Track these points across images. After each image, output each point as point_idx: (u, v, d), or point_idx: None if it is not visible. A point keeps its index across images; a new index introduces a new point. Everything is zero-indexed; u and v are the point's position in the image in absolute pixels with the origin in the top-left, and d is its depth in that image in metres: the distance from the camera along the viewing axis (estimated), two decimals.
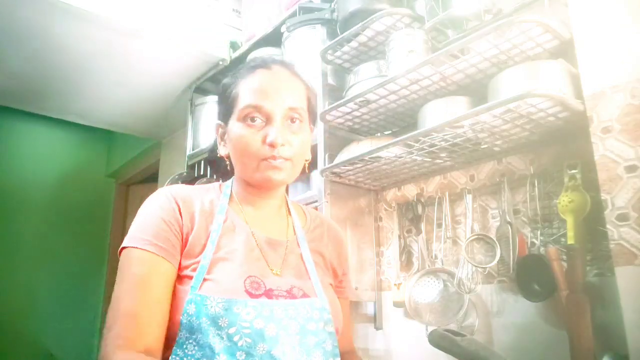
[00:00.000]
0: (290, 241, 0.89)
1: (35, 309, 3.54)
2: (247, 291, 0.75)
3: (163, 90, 2.46)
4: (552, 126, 1.11)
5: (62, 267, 3.72)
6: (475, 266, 1.28)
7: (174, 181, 2.21)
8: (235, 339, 0.71)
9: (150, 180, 3.61)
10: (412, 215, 1.51)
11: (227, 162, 0.91)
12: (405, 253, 1.52)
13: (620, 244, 0.89)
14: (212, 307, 0.71)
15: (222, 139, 0.91)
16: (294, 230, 0.92)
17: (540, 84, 1.02)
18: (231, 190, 0.91)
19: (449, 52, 1.14)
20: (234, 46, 2.16)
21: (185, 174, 2.23)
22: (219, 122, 0.91)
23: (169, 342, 0.74)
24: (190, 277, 0.75)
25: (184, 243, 0.79)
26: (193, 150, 2.22)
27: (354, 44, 1.48)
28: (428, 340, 0.92)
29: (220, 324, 0.71)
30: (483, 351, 0.82)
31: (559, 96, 0.98)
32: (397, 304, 1.47)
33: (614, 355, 0.95)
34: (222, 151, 0.91)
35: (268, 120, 0.83)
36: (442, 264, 1.38)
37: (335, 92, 1.58)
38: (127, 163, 3.82)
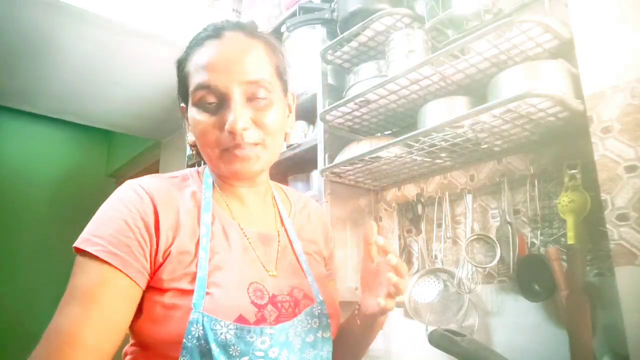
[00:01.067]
0: (281, 234, 0.80)
1: (35, 309, 3.53)
2: (253, 302, 0.67)
3: (163, 90, 2.46)
4: (552, 126, 1.11)
5: (62, 267, 3.71)
6: (475, 266, 1.28)
7: None
8: None
9: None
10: (412, 215, 1.51)
11: (193, 152, 0.80)
12: (405, 253, 1.52)
13: (620, 244, 0.89)
14: (222, 333, 0.62)
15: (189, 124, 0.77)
16: (282, 221, 0.83)
17: (540, 84, 1.02)
18: (212, 180, 0.78)
19: (449, 52, 1.14)
20: None
21: None
22: (182, 104, 0.78)
23: None
24: (183, 291, 0.64)
25: (163, 253, 0.66)
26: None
27: (354, 44, 1.48)
28: (428, 340, 0.92)
29: (231, 352, 0.62)
30: (483, 351, 0.82)
31: (559, 96, 0.98)
32: (397, 304, 1.47)
33: (614, 356, 0.95)
34: (189, 138, 0.77)
35: (223, 100, 0.69)
36: (442, 264, 1.38)
37: (335, 92, 1.58)
38: (127, 163, 3.82)
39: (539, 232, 1.17)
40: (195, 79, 0.70)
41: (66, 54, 2.08)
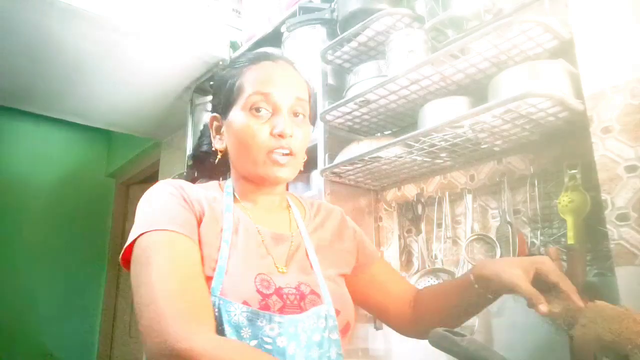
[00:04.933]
0: (294, 235, 0.86)
1: (35, 309, 3.53)
2: (258, 291, 0.72)
3: (163, 90, 2.46)
4: (552, 126, 1.11)
5: (62, 267, 3.72)
6: None
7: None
8: None
9: (150, 180, 3.61)
10: (412, 215, 1.50)
11: (218, 157, 0.88)
12: (405, 253, 1.52)
13: (620, 244, 0.89)
14: (235, 315, 0.68)
15: (217, 132, 0.88)
16: (296, 223, 0.89)
17: (540, 84, 1.02)
18: (232, 189, 0.88)
19: (449, 52, 1.14)
20: (234, 46, 2.16)
21: (185, 174, 2.23)
22: (215, 114, 0.88)
23: None
24: (206, 277, 0.71)
25: (198, 228, 0.75)
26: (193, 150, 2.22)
27: (354, 44, 1.48)
28: (428, 340, 0.92)
29: (242, 334, 0.68)
30: (483, 351, 0.82)
31: (559, 96, 0.98)
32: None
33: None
34: (217, 144, 0.87)
35: (275, 110, 0.81)
36: (442, 264, 1.38)
37: (335, 92, 1.58)
38: (127, 163, 3.82)
39: (539, 232, 1.17)
40: (252, 87, 0.81)
41: (66, 54, 2.08)
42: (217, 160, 0.89)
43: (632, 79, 0.92)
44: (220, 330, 0.67)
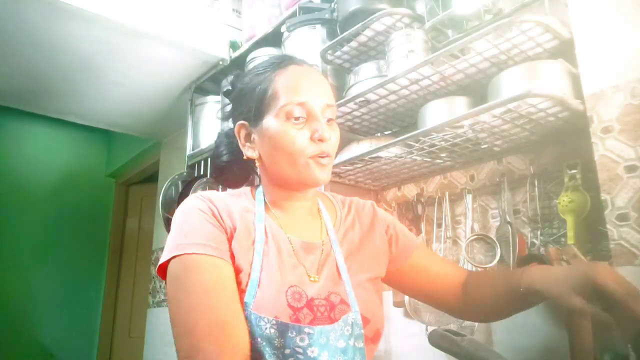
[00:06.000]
0: (325, 243, 0.86)
1: (35, 309, 3.54)
2: (289, 305, 0.73)
3: (163, 90, 2.46)
4: (552, 126, 1.11)
5: (62, 267, 3.72)
6: (475, 266, 1.28)
7: (174, 181, 2.21)
8: None
9: (150, 180, 3.61)
10: (412, 215, 1.50)
11: (256, 165, 0.88)
12: None
13: (620, 244, 0.89)
14: (266, 328, 0.70)
15: (247, 140, 0.87)
16: (327, 230, 0.89)
17: (540, 84, 1.02)
18: (263, 197, 0.88)
19: (449, 52, 1.14)
20: (234, 46, 2.16)
21: (185, 174, 2.23)
22: (242, 122, 0.86)
23: None
24: (241, 291, 0.73)
25: (230, 243, 0.76)
26: (193, 150, 2.22)
27: (354, 44, 1.48)
28: (428, 340, 0.92)
29: (276, 344, 0.70)
30: (483, 351, 0.82)
31: (559, 96, 0.98)
32: (397, 304, 1.47)
33: (614, 355, 0.95)
34: (249, 153, 0.87)
35: (311, 116, 0.81)
36: None
37: (335, 92, 1.58)
38: (127, 163, 3.82)
39: (539, 232, 1.17)
40: (288, 96, 0.80)
41: (66, 53, 2.08)
42: (257, 169, 0.89)
43: (632, 79, 0.92)
44: (253, 342, 0.69)
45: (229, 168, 0.94)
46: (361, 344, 0.77)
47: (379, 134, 1.59)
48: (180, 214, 0.79)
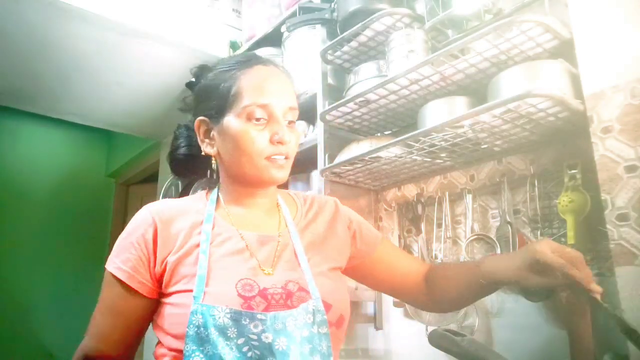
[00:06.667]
0: (282, 235, 0.87)
1: (35, 309, 3.54)
2: (240, 295, 0.74)
3: (163, 90, 2.46)
4: (552, 126, 1.11)
5: (62, 267, 3.72)
6: None
7: (173, 181, 2.21)
8: (245, 349, 0.70)
9: (150, 180, 3.61)
10: (412, 215, 1.51)
11: (214, 162, 0.90)
12: None
13: (620, 244, 0.89)
14: (219, 317, 0.71)
15: (206, 136, 0.88)
16: (286, 223, 0.90)
17: (540, 84, 1.02)
18: (218, 195, 0.90)
19: (449, 52, 1.14)
20: (234, 46, 2.16)
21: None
22: (203, 118, 0.87)
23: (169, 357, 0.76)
24: (184, 291, 0.75)
25: (161, 263, 0.79)
26: None
27: (354, 44, 1.48)
28: (428, 340, 0.92)
29: (229, 334, 0.70)
30: (483, 351, 0.82)
31: (559, 96, 0.98)
32: (397, 304, 1.47)
33: (614, 356, 0.95)
34: (207, 149, 0.88)
35: (272, 118, 0.83)
36: None
37: (335, 92, 1.58)
38: (127, 163, 3.82)
39: (539, 232, 1.17)
40: (251, 97, 0.82)
41: (66, 54, 2.08)
42: (212, 165, 0.91)
43: (632, 79, 0.92)
44: (206, 335, 0.70)
45: (186, 162, 0.95)
46: (325, 330, 0.77)
47: (379, 134, 1.59)
48: (126, 227, 0.84)
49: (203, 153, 0.89)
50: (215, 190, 0.91)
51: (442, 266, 1.02)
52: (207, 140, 0.88)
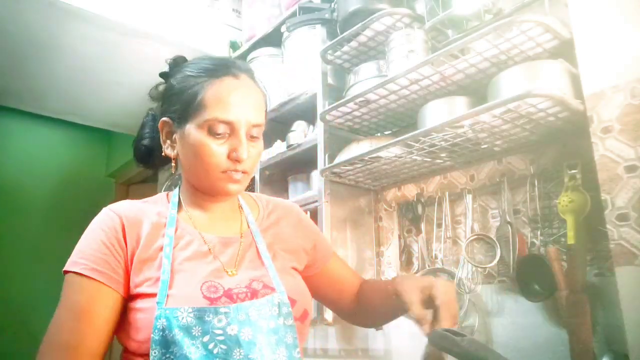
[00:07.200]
0: (245, 235, 0.88)
1: (35, 308, 3.53)
2: (205, 297, 0.74)
3: None
4: (552, 126, 1.11)
5: (61, 267, 3.70)
6: (475, 266, 1.28)
7: (174, 181, 2.21)
8: (210, 347, 0.70)
9: (150, 180, 3.61)
10: (412, 215, 1.51)
11: (173, 164, 0.88)
12: (405, 253, 1.52)
13: (620, 244, 0.89)
14: (183, 317, 0.71)
15: (168, 137, 0.87)
16: (248, 224, 0.91)
17: (540, 84, 1.02)
18: (179, 198, 0.89)
19: (449, 52, 1.14)
20: (234, 46, 2.16)
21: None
22: (166, 119, 0.85)
23: None
24: (148, 295, 0.74)
25: (130, 263, 0.77)
26: None
27: (354, 44, 1.48)
28: (428, 340, 0.92)
29: (193, 333, 0.70)
30: (483, 351, 0.81)
31: (559, 96, 0.98)
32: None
33: (614, 355, 0.95)
34: (167, 151, 0.87)
35: (233, 132, 0.81)
36: (442, 264, 1.38)
37: (335, 92, 1.58)
38: (127, 163, 3.82)
39: (539, 232, 1.17)
40: (213, 110, 0.80)
41: (66, 54, 2.08)
42: (175, 169, 0.89)
43: (632, 79, 0.92)
44: (171, 337, 0.69)
45: (148, 154, 0.94)
46: (291, 322, 0.79)
47: (379, 134, 1.59)
48: (88, 227, 0.81)
49: (163, 154, 0.88)
50: (176, 191, 0.91)
51: (371, 282, 1.03)
52: (168, 142, 0.87)
